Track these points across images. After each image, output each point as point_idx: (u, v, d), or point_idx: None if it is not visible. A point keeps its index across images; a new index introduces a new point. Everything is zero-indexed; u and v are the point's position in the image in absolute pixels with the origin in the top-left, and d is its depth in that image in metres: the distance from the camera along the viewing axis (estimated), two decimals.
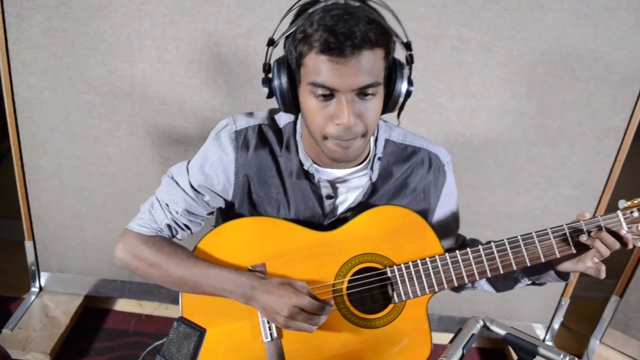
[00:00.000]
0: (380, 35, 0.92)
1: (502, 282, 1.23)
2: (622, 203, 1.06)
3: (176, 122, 1.81)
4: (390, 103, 1.02)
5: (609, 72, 1.69)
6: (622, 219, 1.04)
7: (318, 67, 0.91)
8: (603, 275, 1.04)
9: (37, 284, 2.13)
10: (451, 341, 0.86)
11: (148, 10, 1.64)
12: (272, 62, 1.01)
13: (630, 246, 1.03)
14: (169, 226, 1.14)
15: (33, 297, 2.11)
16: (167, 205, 1.14)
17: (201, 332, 0.81)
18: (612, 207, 1.17)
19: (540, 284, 1.20)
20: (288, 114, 1.13)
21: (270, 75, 1.01)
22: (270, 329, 1.09)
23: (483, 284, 1.26)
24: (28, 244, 2.04)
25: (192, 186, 1.13)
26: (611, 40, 1.65)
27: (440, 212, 1.23)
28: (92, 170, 1.90)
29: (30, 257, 2.07)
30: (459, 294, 1.31)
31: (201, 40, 1.69)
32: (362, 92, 0.94)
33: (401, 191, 1.17)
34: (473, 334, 0.86)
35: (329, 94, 0.94)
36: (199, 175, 1.13)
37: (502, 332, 0.88)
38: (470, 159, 1.85)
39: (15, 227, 2.07)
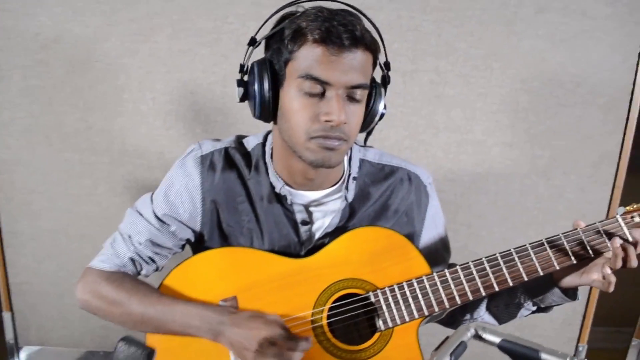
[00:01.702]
0: (373, 43, 0.92)
1: (504, 309, 1.12)
2: (621, 209, 0.99)
3: (155, 176, 1.77)
4: (366, 121, 0.99)
5: (594, 95, 1.65)
6: (622, 224, 0.96)
7: (312, 59, 0.88)
8: (612, 288, 0.94)
9: None
10: (436, 349, 0.77)
11: (124, 63, 1.65)
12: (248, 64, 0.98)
13: None
14: (132, 260, 1.07)
15: None
16: (129, 237, 1.07)
17: (149, 351, 0.71)
18: None
19: (546, 309, 1.09)
20: (257, 135, 1.10)
21: (245, 78, 0.97)
22: None
23: (483, 314, 1.15)
24: (6, 315, 1.94)
25: (156, 216, 1.07)
26: (591, 63, 1.62)
27: (427, 236, 1.14)
28: (71, 231, 1.84)
29: (8, 330, 1.96)
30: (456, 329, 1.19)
31: (177, 91, 1.68)
32: (350, 95, 0.91)
33: (382, 214, 1.09)
34: (462, 341, 0.78)
35: (318, 92, 0.90)
36: (163, 204, 1.07)
37: (497, 340, 0.80)
38: (462, 196, 1.77)
39: None
